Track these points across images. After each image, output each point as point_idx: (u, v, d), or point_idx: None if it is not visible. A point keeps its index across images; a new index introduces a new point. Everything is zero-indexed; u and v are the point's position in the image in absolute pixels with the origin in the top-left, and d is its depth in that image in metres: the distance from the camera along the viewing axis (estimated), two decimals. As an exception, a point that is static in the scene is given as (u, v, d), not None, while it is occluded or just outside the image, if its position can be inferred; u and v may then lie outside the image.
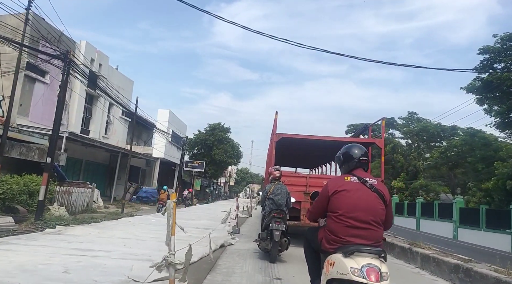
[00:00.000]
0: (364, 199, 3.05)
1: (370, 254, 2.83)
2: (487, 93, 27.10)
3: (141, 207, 22.84)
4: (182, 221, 12.76)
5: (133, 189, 26.09)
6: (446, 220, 29.72)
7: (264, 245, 6.82)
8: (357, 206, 3.02)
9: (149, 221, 11.50)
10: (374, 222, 3.01)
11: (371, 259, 2.79)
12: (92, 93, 23.73)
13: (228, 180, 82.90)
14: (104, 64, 24.64)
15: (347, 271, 2.73)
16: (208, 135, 39.74)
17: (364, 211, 3.00)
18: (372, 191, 3.09)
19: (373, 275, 2.67)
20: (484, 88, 26.81)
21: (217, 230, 10.13)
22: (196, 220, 13.85)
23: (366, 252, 2.83)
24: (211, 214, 18.27)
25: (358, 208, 3.01)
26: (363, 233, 2.96)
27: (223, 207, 23.18)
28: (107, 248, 6.63)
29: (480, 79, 27.84)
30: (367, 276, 2.66)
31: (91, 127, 24.22)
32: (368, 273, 2.67)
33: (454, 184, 48.64)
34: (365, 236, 2.96)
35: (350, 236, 2.96)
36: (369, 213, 3.00)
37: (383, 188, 3.20)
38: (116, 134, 27.18)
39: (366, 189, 3.09)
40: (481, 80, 27.76)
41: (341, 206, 3.05)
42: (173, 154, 32.78)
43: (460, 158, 37.88)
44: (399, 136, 61.86)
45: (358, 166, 3.25)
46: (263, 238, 6.91)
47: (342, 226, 3.00)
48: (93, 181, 26.30)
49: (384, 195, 3.12)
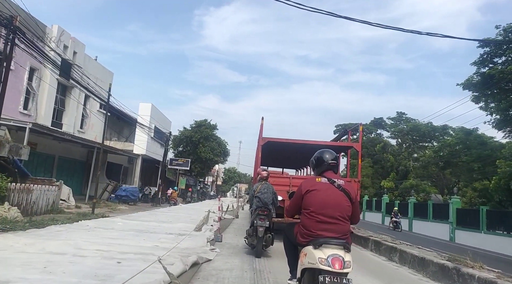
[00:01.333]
0: (333, 197, 3.44)
1: (335, 246, 3.19)
2: (485, 89, 25.91)
3: (118, 206, 20.96)
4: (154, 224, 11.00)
5: (111, 187, 24.16)
6: (442, 221, 28.60)
7: (251, 241, 7.28)
8: (326, 204, 3.40)
9: (112, 225, 9.64)
10: (341, 217, 3.40)
11: (336, 250, 3.15)
12: (65, 84, 21.80)
13: (215, 179, 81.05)
14: (80, 53, 22.71)
15: (316, 260, 3.09)
16: (193, 132, 37.91)
17: (332, 207, 3.39)
18: (339, 190, 3.48)
19: (337, 264, 3.04)
20: (483, 84, 25.59)
21: (192, 237, 8.46)
22: (173, 222, 12.13)
23: (332, 244, 3.20)
24: (193, 214, 16.57)
25: (327, 205, 3.40)
26: (332, 227, 3.34)
27: (209, 207, 21.64)
28: (9, 276, 4.23)
29: (480, 74, 26.68)
30: (332, 265, 3.03)
31: (64, 120, 22.27)
32: (333, 262, 3.04)
33: (443, 184, 47.82)
34: (333, 230, 3.33)
35: (320, 230, 3.33)
36: (336, 210, 3.38)
37: (350, 187, 3.57)
38: (93, 128, 25.25)
39: (334, 188, 3.48)
40: (480, 75, 26.60)
41: (313, 203, 3.44)
42: (156, 150, 30.93)
43: (453, 157, 36.82)
44: (388, 136, 61.25)
45: (328, 168, 3.65)
46: (249, 234, 7.34)
47: (314, 221, 3.39)
48: (68, 179, 24.44)
49: (350, 193, 3.52)
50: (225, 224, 14.33)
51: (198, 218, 14.70)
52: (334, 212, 3.36)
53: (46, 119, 20.19)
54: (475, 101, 29.88)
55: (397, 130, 54.48)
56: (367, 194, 49.74)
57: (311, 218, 3.40)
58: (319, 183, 3.52)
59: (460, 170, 36.90)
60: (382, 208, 42.43)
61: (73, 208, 17.45)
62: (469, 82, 29.32)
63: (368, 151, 58.77)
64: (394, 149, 57.02)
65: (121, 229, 8.65)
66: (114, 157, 28.37)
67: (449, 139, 36.89)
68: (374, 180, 53.20)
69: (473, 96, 29.64)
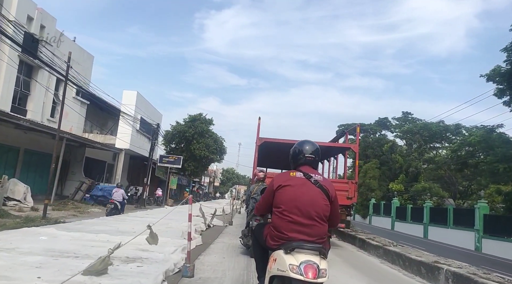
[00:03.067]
0: (307, 194, 2.98)
1: (310, 251, 2.77)
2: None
3: (90, 208, 17.60)
4: (102, 238, 6.77)
5: (86, 186, 20.76)
6: (465, 228, 25.30)
7: (246, 241, 7.18)
8: (299, 201, 2.95)
9: (30, 241, 6.20)
10: (318, 217, 2.94)
11: (310, 256, 2.73)
12: (30, 63, 18.48)
13: (212, 180, 77.59)
14: (49, 27, 19.37)
15: (286, 267, 2.68)
16: (187, 127, 34.43)
17: (307, 206, 2.93)
18: (316, 186, 3.02)
19: (311, 272, 2.62)
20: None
21: (144, 265, 5.04)
22: (134, 233, 8.68)
23: (306, 249, 2.77)
24: (177, 220, 13.05)
25: (301, 203, 2.94)
26: (306, 229, 2.90)
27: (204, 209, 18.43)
28: None
29: (511, 63, 23.43)
30: (304, 273, 2.61)
31: (29, 106, 18.92)
32: (306, 270, 2.62)
33: (455, 188, 44.37)
34: (307, 232, 2.89)
35: (292, 232, 2.89)
36: (311, 209, 2.93)
37: (328, 184, 3.12)
38: (68, 118, 21.86)
39: (310, 184, 3.03)
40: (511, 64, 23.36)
41: (284, 201, 2.99)
42: (143, 145, 27.53)
43: (472, 157, 33.46)
44: (393, 136, 58.05)
45: (305, 162, 3.19)
46: (245, 234, 7.25)
47: (285, 222, 2.94)
48: (37, 176, 21.10)
49: (329, 191, 3.05)
50: (214, 234, 10.97)
51: (179, 225, 11.43)
52: (309, 212, 2.92)
53: (4, 103, 16.84)
54: (498, 96, 26.73)
55: (406, 130, 51.04)
56: (374, 197, 46.26)
57: (282, 218, 2.95)
58: (293, 178, 3.07)
59: (480, 171, 33.43)
60: (391, 212, 39.05)
61: (27, 210, 14.11)
62: (495, 73, 26.08)
63: (374, 151, 55.54)
64: (403, 149, 53.64)
65: (28, 251, 5.23)
66: (96, 152, 25.03)
67: (471, 137, 33.38)
68: (381, 182, 49.73)
69: (497, 90, 26.51)
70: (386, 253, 8.46)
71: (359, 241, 10.74)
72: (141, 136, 27.08)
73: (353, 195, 10.50)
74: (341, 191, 10.39)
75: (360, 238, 10.68)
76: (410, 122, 54.75)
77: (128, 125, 23.77)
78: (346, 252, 9.78)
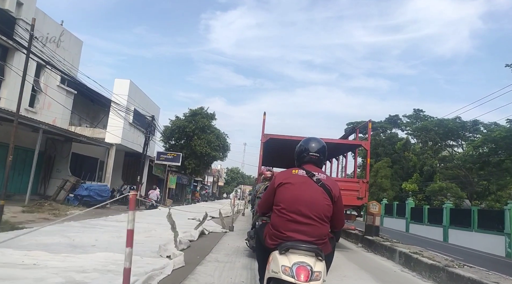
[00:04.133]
0: (308, 193, 2.84)
1: (305, 251, 2.58)
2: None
3: (71, 210, 15.27)
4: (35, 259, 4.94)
5: (70, 185, 18.46)
6: (492, 232, 22.79)
7: (252, 243, 6.57)
8: (299, 200, 2.80)
9: None
10: (318, 217, 2.77)
11: (304, 257, 2.54)
12: (5, 44, 16.25)
13: (216, 180, 75.25)
14: (28, 5, 17.10)
15: (279, 269, 2.51)
16: (187, 122, 32.07)
17: (307, 205, 2.78)
18: (318, 185, 2.87)
19: (303, 274, 2.42)
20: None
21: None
22: (102, 247, 6.35)
23: (301, 249, 2.58)
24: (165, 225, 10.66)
25: (300, 202, 2.79)
26: (305, 229, 2.74)
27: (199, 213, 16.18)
28: None
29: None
30: (296, 275, 2.42)
31: (2, 94, 16.65)
32: (298, 272, 2.43)
33: (472, 188, 41.64)
34: (306, 232, 2.72)
35: (290, 231, 2.74)
36: (312, 208, 2.78)
37: (331, 183, 2.94)
38: (50, 109, 19.61)
39: (312, 183, 2.89)
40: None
41: (284, 199, 2.86)
42: (138, 140, 25.23)
43: (496, 154, 30.84)
44: (405, 134, 55.48)
45: (309, 160, 3.06)
46: (251, 236, 6.78)
47: (284, 220, 2.80)
48: (16, 174, 18.89)
49: (332, 190, 2.89)
50: (209, 244, 8.60)
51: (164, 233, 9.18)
52: (309, 211, 2.75)
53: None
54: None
55: (419, 128, 48.34)
56: (386, 197, 43.64)
57: (281, 216, 2.82)
58: (295, 176, 2.94)
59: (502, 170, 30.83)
60: (406, 213, 36.44)
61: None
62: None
63: (385, 149, 52.99)
64: (416, 147, 50.91)
65: None
66: (85, 148, 22.77)
67: (496, 131, 30.74)
68: (394, 181, 47.06)
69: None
70: (452, 278, 5.87)
71: (400, 256, 8.21)
72: (135, 130, 24.77)
73: (364, 195, 10.10)
74: (351, 190, 9.96)
75: (402, 252, 8.16)
76: (422, 120, 52.21)
77: (119, 118, 21.46)
78: (387, 275, 7.11)
